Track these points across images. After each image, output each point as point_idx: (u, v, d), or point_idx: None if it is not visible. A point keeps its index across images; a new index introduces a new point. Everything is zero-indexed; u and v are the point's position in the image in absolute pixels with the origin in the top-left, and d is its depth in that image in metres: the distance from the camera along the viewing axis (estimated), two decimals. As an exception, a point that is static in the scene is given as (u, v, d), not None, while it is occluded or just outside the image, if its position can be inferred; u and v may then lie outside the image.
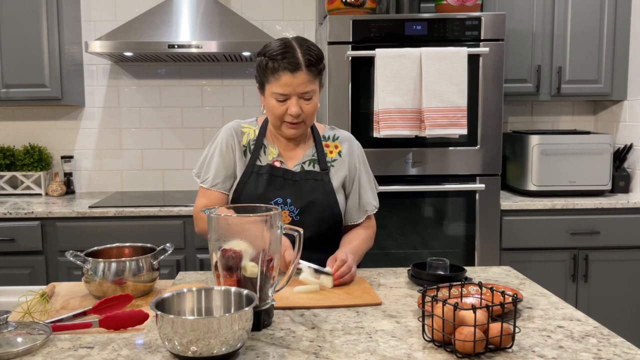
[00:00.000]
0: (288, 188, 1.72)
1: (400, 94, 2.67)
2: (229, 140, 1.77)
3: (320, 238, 1.72)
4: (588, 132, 3.19)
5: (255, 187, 1.72)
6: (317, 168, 1.76)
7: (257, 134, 1.79)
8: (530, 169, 3.04)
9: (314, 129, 1.83)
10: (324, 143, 1.81)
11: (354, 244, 1.74)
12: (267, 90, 1.66)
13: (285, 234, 1.30)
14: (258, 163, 1.75)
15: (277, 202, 1.70)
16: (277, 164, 1.75)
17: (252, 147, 1.77)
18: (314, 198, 1.72)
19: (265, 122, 1.81)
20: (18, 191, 3.34)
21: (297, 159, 1.77)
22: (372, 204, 1.83)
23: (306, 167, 1.76)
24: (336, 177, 1.77)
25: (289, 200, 1.71)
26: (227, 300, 1.20)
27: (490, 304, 1.12)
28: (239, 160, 1.76)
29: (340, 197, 1.77)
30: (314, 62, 1.63)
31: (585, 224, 2.93)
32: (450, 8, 2.83)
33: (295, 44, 1.63)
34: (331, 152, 1.80)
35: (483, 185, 2.83)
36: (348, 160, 1.80)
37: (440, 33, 2.77)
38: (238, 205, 1.41)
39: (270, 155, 1.76)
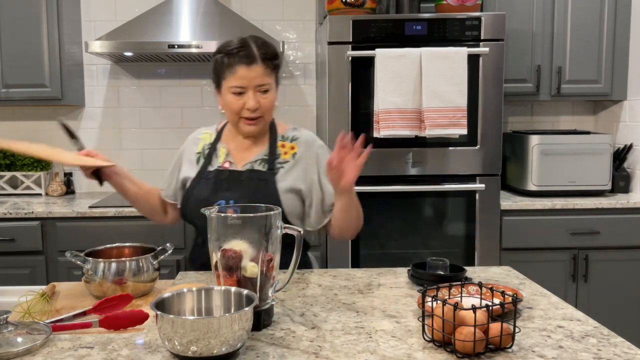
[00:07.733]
0: (234, 189, 1.69)
1: (400, 94, 2.67)
2: (182, 153, 1.87)
3: None
4: (588, 132, 3.19)
5: (200, 192, 1.71)
6: (265, 168, 1.73)
7: (212, 139, 1.82)
8: (530, 169, 3.04)
9: (273, 127, 1.80)
10: (280, 143, 1.77)
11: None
12: (224, 87, 1.68)
13: (285, 234, 1.30)
14: (209, 169, 1.76)
15: (219, 204, 1.63)
16: (227, 165, 1.75)
17: (205, 152, 1.79)
18: (256, 198, 1.60)
19: (224, 126, 1.84)
20: (18, 191, 3.34)
21: (249, 159, 1.75)
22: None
23: (256, 167, 1.73)
24: (286, 179, 1.71)
25: (231, 202, 1.65)
26: (227, 300, 1.20)
27: (490, 304, 1.12)
28: (190, 168, 1.79)
29: (287, 199, 1.69)
30: (269, 57, 1.67)
31: (585, 224, 2.93)
32: (450, 8, 2.83)
33: (251, 41, 1.67)
34: (285, 153, 1.76)
35: (483, 185, 2.83)
36: (304, 162, 1.74)
37: (440, 33, 2.77)
38: (238, 205, 1.41)
39: (221, 157, 1.77)
